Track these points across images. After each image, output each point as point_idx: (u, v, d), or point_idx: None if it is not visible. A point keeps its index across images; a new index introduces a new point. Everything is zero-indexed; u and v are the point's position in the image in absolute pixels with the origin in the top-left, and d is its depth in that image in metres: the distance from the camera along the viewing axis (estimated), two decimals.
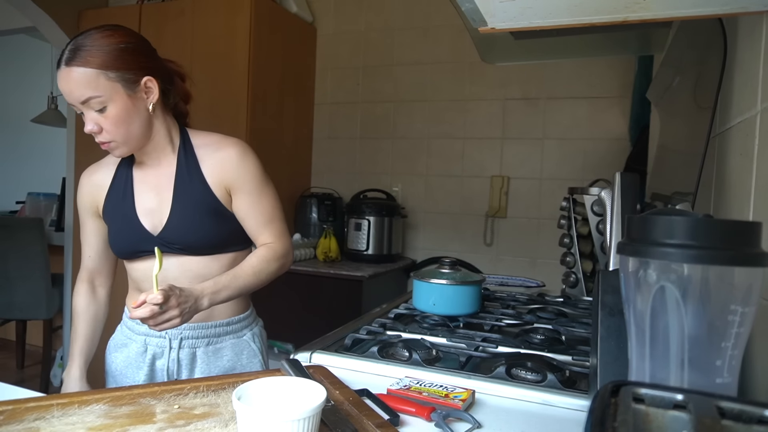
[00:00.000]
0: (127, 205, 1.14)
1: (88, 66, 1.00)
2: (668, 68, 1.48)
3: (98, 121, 1.03)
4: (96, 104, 1.02)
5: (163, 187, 1.14)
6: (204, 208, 1.12)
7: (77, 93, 1.01)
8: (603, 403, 0.44)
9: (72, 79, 1.00)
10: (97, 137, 1.06)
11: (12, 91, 4.84)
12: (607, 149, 2.57)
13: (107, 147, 1.08)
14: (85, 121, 1.04)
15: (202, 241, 1.13)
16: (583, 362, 0.94)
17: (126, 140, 1.07)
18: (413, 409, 0.74)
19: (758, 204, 0.71)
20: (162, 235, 1.12)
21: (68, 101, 1.03)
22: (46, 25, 2.90)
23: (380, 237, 2.68)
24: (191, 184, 1.13)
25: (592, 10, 0.82)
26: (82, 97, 1.01)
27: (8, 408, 0.69)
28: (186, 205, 1.12)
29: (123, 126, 1.05)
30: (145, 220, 1.13)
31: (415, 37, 2.92)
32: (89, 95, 1.01)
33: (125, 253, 1.17)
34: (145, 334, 1.17)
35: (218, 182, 1.13)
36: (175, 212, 1.12)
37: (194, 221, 1.12)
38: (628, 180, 0.96)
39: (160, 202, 1.14)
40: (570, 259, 1.57)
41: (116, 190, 1.17)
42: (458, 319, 1.23)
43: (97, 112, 1.03)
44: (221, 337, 1.19)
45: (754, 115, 0.75)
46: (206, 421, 0.67)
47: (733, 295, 0.51)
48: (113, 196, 1.16)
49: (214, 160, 1.14)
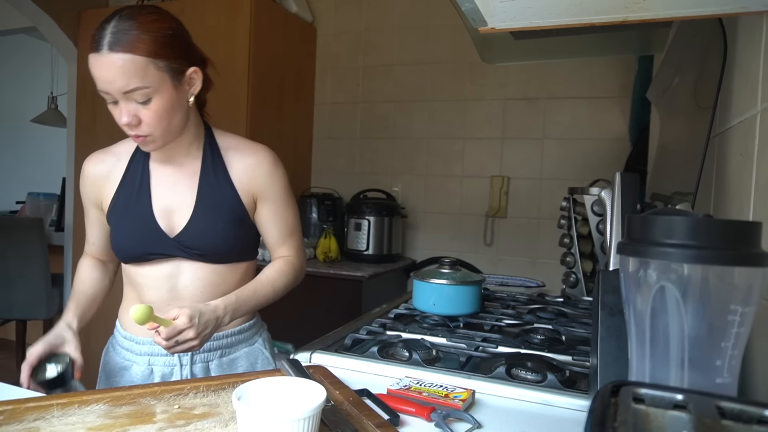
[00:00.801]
0: (143, 203, 1.05)
1: (136, 53, 0.90)
2: (668, 68, 1.48)
3: (138, 113, 0.94)
4: (140, 96, 0.92)
5: (186, 187, 1.07)
6: (228, 214, 1.06)
7: (121, 82, 0.90)
8: (603, 403, 0.44)
9: (116, 66, 0.89)
10: (132, 131, 0.96)
11: (12, 90, 4.84)
12: (607, 149, 2.57)
13: (141, 141, 0.98)
14: (120, 112, 0.94)
15: (222, 248, 1.06)
16: (583, 362, 0.94)
17: (164, 135, 0.99)
18: (413, 409, 0.74)
19: (758, 204, 0.71)
20: (179, 238, 1.05)
21: (104, 89, 0.93)
22: (46, 25, 2.90)
23: (380, 237, 2.68)
24: (218, 187, 1.06)
25: (592, 10, 0.82)
26: (127, 88, 0.91)
27: (8, 408, 0.69)
28: (210, 209, 1.05)
29: (165, 120, 0.96)
30: (162, 220, 1.05)
31: (415, 37, 2.92)
32: (136, 86, 0.91)
33: (134, 255, 1.07)
34: (149, 354, 1.09)
35: (246, 189, 1.08)
36: (198, 215, 1.05)
37: (216, 226, 1.05)
38: (628, 180, 0.96)
39: (181, 203, 1.06)
40: (570, 259, 1.57)
41: (129, 185, 1.07)
42: (458, 319, 1.23)
43: (140, 103, 0.93)
44: (234, 347, 1.13)
45: (754, 115, 0.75)
46: (206, 421, 0.67)
47: (733, 295, 0.51)
48: (125, 192, 1.07)
49: (244, 166, 1.08)
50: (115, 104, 0.95)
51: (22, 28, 3.41)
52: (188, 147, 1.07)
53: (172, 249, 1.05)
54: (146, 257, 1.06)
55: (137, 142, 1.00)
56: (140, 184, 1.07)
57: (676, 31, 1.40)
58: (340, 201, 2.93)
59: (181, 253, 1.05)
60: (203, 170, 1.07)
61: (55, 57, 3.96)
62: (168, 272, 1.07)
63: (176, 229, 1.05)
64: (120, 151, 1.11)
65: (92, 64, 0.92)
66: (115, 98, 0.93)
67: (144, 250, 1.06)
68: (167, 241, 1.05)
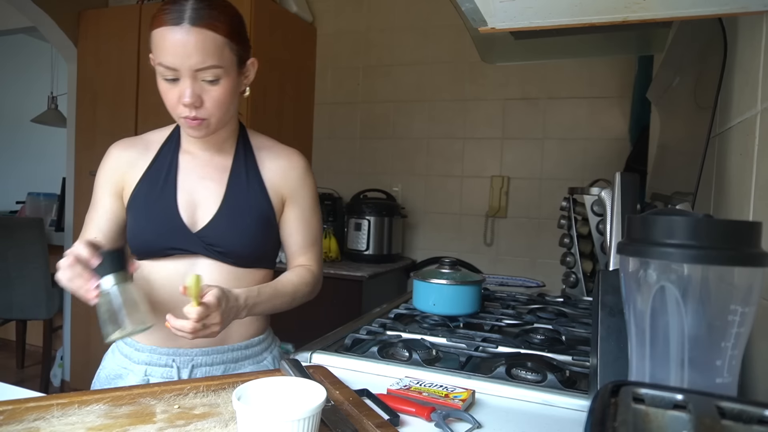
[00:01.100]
0: (167, 194, 1.00)
1: (217, 32, 0.89)
2: (668, 68, 1.48)
3: (202, 93, 0.91)
4: (211, 75, 0.90)
5: (215, 181, 1.03)
6: (256, 214, 1.02)
7: (197, 58, 0.88)
8: (603, 403, 0.44)
9: (196, 41, 0.87)
10: (192, 112, 0.92)
11: (12, 90, 4.84)
12: (607, 149, 2.57)
13: (196, 124, 0.94)
14: (184, 90, 0.90)
15: (245, 248, 1.01)
16: (583, 362, 0.94)
17: (218, 122, 0.96)
18: (413, 409, 0.74)
19: (758, 204, 0.71)
20: (202, 234, 0.99)
21: (173, 65, 0.88)
22: (46, 25, 2.90)
23: (380, 237, 2.68)
24: (248, 185, 1.03)
25: (592, 10, 0.82)
26: (202, 65, 0.88)
27: (8, 408, 0.69)
28: (237, 206, 1.01)
29: (225, 105, 0.94)
30: (185, 213, 1.00)
31: (415, 37, 2.92)
32: (211, 63, 0.89)
33: (152, 249, 1.00)
34: (147, 363, 1.01)
35: (277, 190, 1.05)
36: (224, 211, 1.00)
37: (243, 225, 1.01)
38: (628, 180, 0.96)
39: (207, 197, 1.02)
40: (570, 259, 1.57)
41: (155, 175, 1.02)
42: (458, 319, 1.23)
43: (206, 83, 0.90)
44: (239, 362, 1.04)
45: (754, 115, 0.75)
46: (206, 421, 0.67)
47: (733, 295, 0.51)
48: (149, 181, 1.02)
49: (276, 166, 1.06)
50: (172, 82, 0.91)
51: (22, 28, 3.41)
52: (223, 142, 1.04)
53: (193, 245, 0.99)
54: (164, 252, 1.00)
55: (190, 126, 0.94)
56: (167, 175, 1.02)
57: (676, 31, 1.40)
58: (340, 201, 2.93)
59: (202, 249, 0.99)
60: (234, 167, 1.04)
61: (55, 57, 3.96)
62: (184, 271, 1.00)
63: (199, 224, 1.00)
64: (151, 140, 1.07)
65: (166, 36, 0.88)
66: (178, 75, 0.90)
67: (163, 244, 0.99)
68: (189, 236, 0.99)
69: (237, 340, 1.05)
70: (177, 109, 0.93)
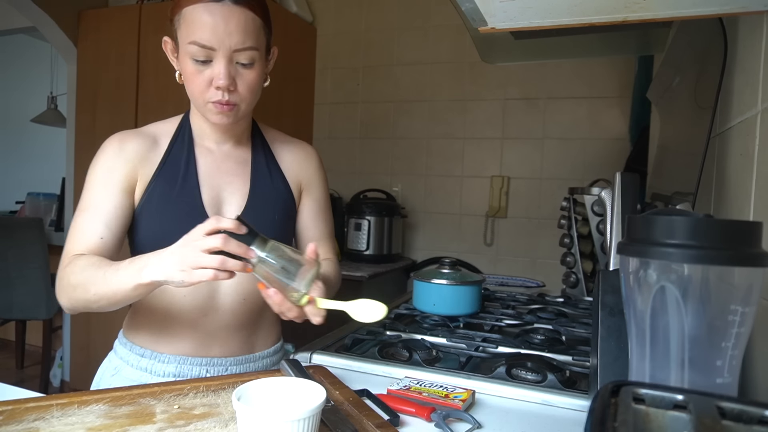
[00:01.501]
0: (189, 192, 0.93)
1: (255, 13, 0.87)
2: (668, 68, 1.48)
3: (236, 77, 0.88)
4: (247, 58, 0.87)
5: (238, 176, 0.98)
6: (281, 206, 1.00)
7: (238, 37, 0.85)
8: (603, 403, 0.44)
9: (239, 19, 0.85)
10: (225, 95, 0.87)
11: (12, 91, 4.84)
12: (607, 149, 2.57)
13: (227, 110, 0.89)
14: (220, 71, 0.85)
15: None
16: (583, 362, 0.94)
17: (246, 110, 0.93)
18: (413, 410, 0.74)
19: (758, 204, 0.71)
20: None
21: (211, 43, 0.84)
22: (46, 25, 2.90)
23: (380, 237, 2.68)
24: (271, 179, 1.00)
25: (592, 10, 0.82)
26: (242, 45, 0.85)
27: (8, 408, 0.69)
28: (263, 201, 0.98)
29: (255, 91, 0.91)
30: (211, 211, 0.94)
31: (415, 37, 2.92)
32: (250, 44, 0.86)
33: None
34: (175, 375, 0.94)
35: (295, 180, 1.03)
36: (251, 207, 0.96)
37: (271, 219, 0.98)
38: (628, 180, 0.96)
39: (233, 193, 0.97)
40: (570, 259, 1.57)
41: (172, 171, 0.94)
42: (458, 319, 1.23)
43: (241, 65, 0.87)
44: (267, 369, 1.01)
45: (754, 115, 0.75)
46: (206, 421, 0.67)
47: (734, 295, 0.51)
48: (166, 179, 0.93)
49: (293, 157, 1.05)
50: (203, 64, 0.86)
51: (22, 28, 3.41)
52: (241, 134, 1.00)
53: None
54: None
55: (221, 111, 0.89)
56: (186, 171, 0.95)
57: (676, 31, 1.40)
58: (340, 201, 2.93)
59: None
60: (254, 160, 1.01)
61: (55, 57, 3.96)
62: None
63: None
64: (157, 133, 0.98)
65: (205, 13, 0.84)
66: (211, 56, 0.85)
67: None
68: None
69: (264, 347, 1.03)
70: (206, 93, 0.88)
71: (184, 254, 0.72)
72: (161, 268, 0.74)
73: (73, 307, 0.87)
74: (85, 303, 0.84)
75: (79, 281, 0.82)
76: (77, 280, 0.83)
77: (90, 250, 0.88)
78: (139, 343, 0.98)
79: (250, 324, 1.00)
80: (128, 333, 1.01)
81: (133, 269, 0.77)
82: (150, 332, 0.97)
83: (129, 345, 0.99)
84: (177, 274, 0.72)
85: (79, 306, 0.86)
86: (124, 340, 1.01)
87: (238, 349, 0.99)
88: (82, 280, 0.82)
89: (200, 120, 0.98)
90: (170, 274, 0.73)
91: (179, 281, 0.73)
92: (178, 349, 0.96)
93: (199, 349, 0.96)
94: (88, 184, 0.93)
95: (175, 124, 1.00)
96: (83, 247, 0.89)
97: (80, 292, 0.83)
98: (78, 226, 0.91)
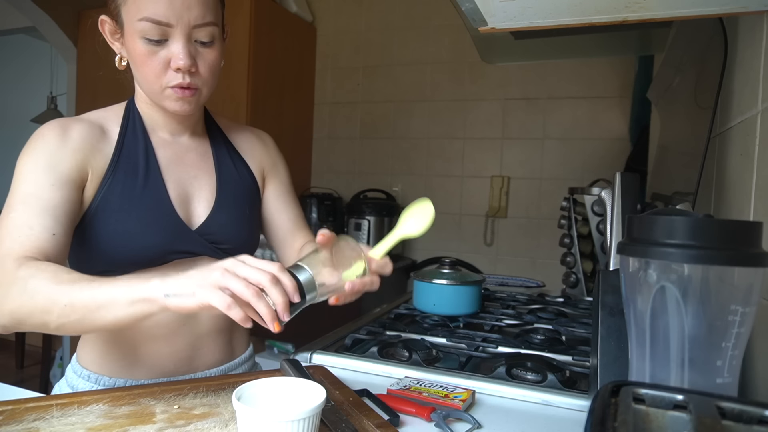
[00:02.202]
0: (154, 189, 0.83)
1: None
2: (668, 68, 1.48)
3: (197, 56, 0.79)
4: (207, 35, 0.79)
5: (202, 170, 0.90)
6: (249, 199, 0.94)
7: (197, 12, 0.76)
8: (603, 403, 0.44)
9: None
10: (186, 78, 0.79)
11: (12, 91, 4.84)
12: (607, 149, 2.57)
13: (189, 95, 0.80)
14: (179, 51, 0.77)
15: (249, 240, 0.92)
16: (583, 362, 0.94)
17: (207, 95, 0.85)
18: (413, 410, 0.74)
19: (758, 204, 0.71)
20: (203, 231, 0.86)
21: (168, 20, 0.75)
22: (46, 25, 2.90)
23: (380, 237, 2.66)
24: (236, 169, 0.94)
25: (592, 10, 0.82)
26: (202, 20, 0.77)
27: (7, 408, 0.69)
28: (233, 195, 0.91)
29: (216, 73, 0.83)
30: (180, 210, 0.85)
31: (415, 37, 2.92)
32: (210, 20, 0.78)
33: (147, 258, 0.81)
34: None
35: (258, 168, 0.98)
36: (221, 202, 0.89)
37: (242, 214, 0.91)
38: (628, 180, 0.96)
39: (200, 189, 0.89)
40: (570, 259, 1.57)
41: (130, 166, 0.83)
42: (458, 319, 1.23)
43: (200, 44, 0.79)
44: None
45: (754, 115, 0.75)
46: (206, 421, 0.67)
47: (734, 295, 0.51)
48: (125, 174, 0.82)
49: (250, 144, 0.98)
50: (157, 44, 0.77)
51: (22, 28, 3.41)
52: (195, 124, 0.92)
53: (196, 245, 0.85)
54: (165, 257, 0.83)
55: (181, 96, 0.80)
56: (147, 166, 0.84)
57: (676, 31, 1.40)
58: (340, 201, 2.93)
59: (205, 249, 0.85)
60: (215, 151, 0.93)
61: (55, 57, 3.96)
62: None
63: (196, 221, 0.86)
64: (100, 121, 0.85)
65: None
66: (167, 34, 0.76)
67: (163, 248, 0.82)
68: (190, 236, 0.84)
69: (242, 349, 0.99)
70: (163, 77, 0.79)
71: (212, 271, 0.61)
72: (177, 281, 0.62)
73: (13, 323, 0.68)
74: (38, 318, 0.66)
75: (43, 289, 0.65)
76: (40, 288, 0.65)
77: (40, 249, 0.71)
78: (104, 372, 0.86)
79: (230, 324, 0.93)
80: (86, 357, 0.87)
81: (136, 280, 0.64)
82: (118, 355, 0.85)
83: (87, 375, 0.86)
84: (191, 287, 0.61)
85: (24, 320, 0.67)
86: (79, 369, 0.87)
87: (221, 356, 0.93)
88: (48, 288, 0.65)
89: (150, 109, 0.87)
90: (184, 287, 0.61)
91: (187, 298, 0.61)
92: (155, 371, 0.86)
93: (180, 364, 0.87)
94: (24, 175, 0.76)
95: (119, 112, 0.88)
96: (30, 247, 0.71)
97: (39, 302, 0.65)
98: (17, 221, 0.72)
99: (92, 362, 0.87)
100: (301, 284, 0.64)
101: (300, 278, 0.64)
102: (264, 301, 0.60)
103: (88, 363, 0.87)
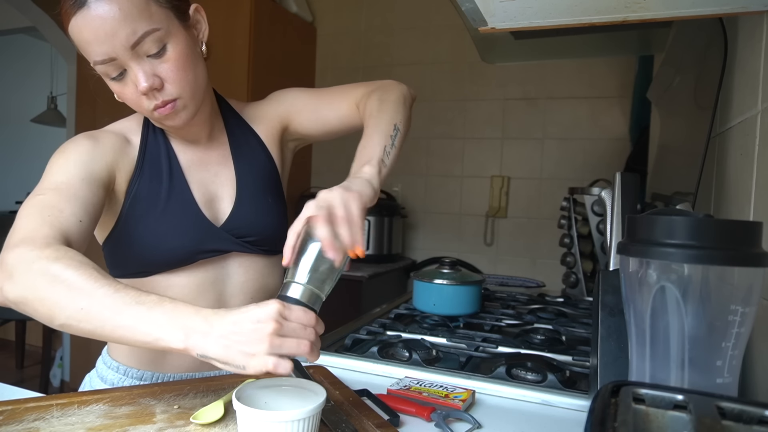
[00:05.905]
0: (179, 191, 0.85)
1: None
2: (668, 68, 1.48)
3: (156, 70, 0.75)
4: (153, 44, 0.74)
5: (221, 165, 0.91)
6: (269, 183, 0.94)
7: (125, 31, 0.71)
8: (603, 403, 0.44)
9: (112, 15, 0.70)
10: (158, 97, 0.76)
11: (12, 91, 4.84)
12: (607, 149, 2.57)
13: (170, 109, 0.78)
14: (136, 76, 0.75)
15: (276, 230, 0.91)
16: (583, 362, 0.94)
17: (194, 94, 0.80)
18: (413, 410, 0.74)
19: (758, 204, 0.71)
20: (228, 226, 0.87)
21: (104, 53, 0.72)
22: (46, 25, 2.90)
23: (380, 237, 2.68)
24: (252, 153, 0.94)
25: (592, 10, 0.82)
26: (135, 36, 0.72)
27: (7, 408, 0.69)
28: (252, 184, 0.91)
29: (189, 71, 0.78)
30: (205, 209, 0.87)
31: (415, 37, 2.91)
32: (145, 29, 0.72)
33: (177, 259, 0.84)
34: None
35: (273, 127, 0.97)
36: (242, 194, 0.90)
37: (265, 203, 0.92)
38: (628, 180, 0.95)
39: (221, 185, 0.90)
40: (570, 259, 1.57)
41: (154, 172, 0.85)
42: (458, 319, 1.23)
43: (153, 57, 0.75)
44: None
45: (754, 115, 0.75)
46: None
47: (734, 295, 0.51)
48: (150, 180, 0.85)
49: (261, 109, 0.98)
50: (120, 76, 0.76)
51: (22, 28, 3.41)
52: (210, 115, 0.91)
53: (224, 242, 0.87)
54: (194, 257, 0.85)
55: (164, 114, 0.78)
56: (170, 169, 0.86)
57: (676, 31, 1.40)
58: None
59: (232, 245, 0.87)
60: (232, 142, 0.93)
61: (55, 57, 3.96)
62: (214, 277, 0.88)
63: (221, 218, 0.88)
64: (122, 130, 0.88)
65: (81, 26, 0.72)
66: (120, 65, 0.74)
67: (193, 248, 0.84)
68: (217, 234, 0.86)
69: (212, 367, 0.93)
70: (141, 104, 0.78)
71: (257, 335, 0.58)
72: (217, 343, 0.58)
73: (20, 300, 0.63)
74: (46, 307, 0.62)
75: (69, 280, 0.61)
76: (66, 278, 0.61)
77: (66, 234, 0.69)
78: (133, 364, 0.88)
79: None
80: (116, 350, 0.90)
81: (171, 321, 0.59)
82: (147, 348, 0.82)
83: (117, 366, 0.89)
84: (236, 356, 0.58)
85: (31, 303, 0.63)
86: (110, 360, 0.90)
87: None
88: (73, 282, 0.61)
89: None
90: (227, 353, 0.58)
91: (235, 369, 0.59)
92: (183, 366, 0.89)
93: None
94: (56, 168, 0.77)
95: (138, 121, 0.89)
96: (59, 228, 0.69)
97: (55, 292, 0.61)
98: (47, 202, 0.71)
99: (121, 354, 0.90)
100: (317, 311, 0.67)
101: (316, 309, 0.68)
102: (316, 352, 0.63)
103: (118, 355, 0.91)
